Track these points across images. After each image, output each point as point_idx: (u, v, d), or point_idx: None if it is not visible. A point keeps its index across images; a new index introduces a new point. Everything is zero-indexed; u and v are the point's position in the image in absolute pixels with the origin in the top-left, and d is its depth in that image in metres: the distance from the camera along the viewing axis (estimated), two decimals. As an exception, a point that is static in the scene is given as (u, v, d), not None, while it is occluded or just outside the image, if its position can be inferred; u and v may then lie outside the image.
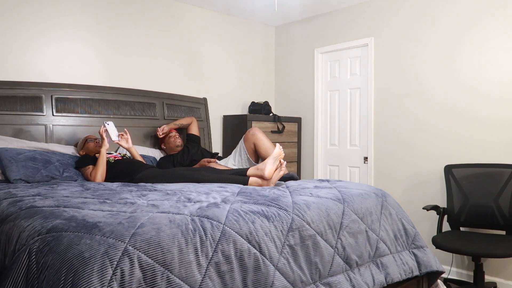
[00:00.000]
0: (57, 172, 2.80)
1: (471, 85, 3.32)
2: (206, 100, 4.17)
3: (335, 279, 1.88)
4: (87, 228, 1.43)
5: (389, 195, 2.44)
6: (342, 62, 4.25)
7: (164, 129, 3.53)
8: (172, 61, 4.01)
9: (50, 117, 3.14)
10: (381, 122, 3.90)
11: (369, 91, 3.97)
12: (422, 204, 3.57)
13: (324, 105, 4.42)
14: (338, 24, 4.24)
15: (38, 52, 3.21)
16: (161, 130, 3.51)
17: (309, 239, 1.83)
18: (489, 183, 3.10)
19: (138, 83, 3.76)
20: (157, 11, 3.89)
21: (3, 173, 2.71)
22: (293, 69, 4.70)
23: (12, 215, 1.71)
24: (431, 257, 2.37)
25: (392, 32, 3.80)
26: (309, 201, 1.99)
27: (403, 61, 3.73)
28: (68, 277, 1.23)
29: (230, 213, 1.69)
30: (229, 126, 4.31)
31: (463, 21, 3.35)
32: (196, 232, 1.52)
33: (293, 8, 4.23)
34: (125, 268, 1.29)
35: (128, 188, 2.37)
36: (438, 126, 3.50)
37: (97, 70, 3.52)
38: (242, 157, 3.33)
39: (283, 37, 4.81)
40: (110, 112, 3.44)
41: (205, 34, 4.26)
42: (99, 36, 3.53)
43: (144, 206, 1.79)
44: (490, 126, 3.22)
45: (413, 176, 3.67)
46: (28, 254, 1.38)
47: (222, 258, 1.52)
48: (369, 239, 2.12)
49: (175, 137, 3.50)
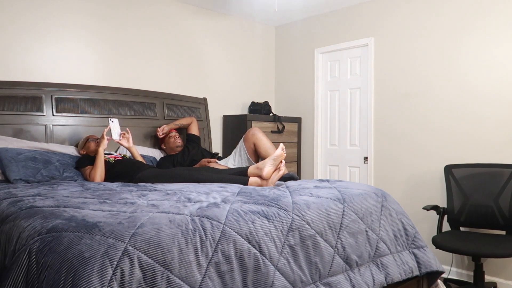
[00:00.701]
0: (57, 172, 2.80)
1: (471, 85, 3.32)
2: (206, 100, 4.17)
3: (335, 279, 1.89)
4: (87, 228, 1.43)
5: (389, 195, 2.44)
6: (342, 62, 4.25)
7: (164, 129, 3.52)
8: (172, 61, 4.01)
9: (50, 117, 3.14)
10: (381, 122, 3.90)
11: (369, 91, 3.97)
12: (422, 204, 3.57)
13: (324, 105, 4.42)
14: (338, 24, 4.24)
15: (38, 52, 3.21)
16: (161, 130, 3.50)
17: (309, 239, 1.83)
18: (489, 183, 3.10)
19: (138, 83, 3.76)
20: (156, 11, 3.89)
21: (3, 173, 2.71)
22: (293, 69, 4.70)
23: (12, 215, 1.71)
24: (431, 257, 2.37)
25: (392, 32, 3.80)
26: (309, 201, 1.99)
27: (403, 61, 3.73)
28: (68, 277, 1.23)
29: (230, 213, 1.69)
30: (229, 126, 4.31)
31: (463, 21, 3.35)
32: (196, 232, 1.52)
33: (293, 8, 4.23)
34: (125, 268, 1.29)
35: (128, 188, 2.37)
36: (438, 126, 3.50)
37: (97, 70, 3.52)
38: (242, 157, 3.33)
39: (283, 37, 4.81)
40: (110, 112, 3.44)
41: (205, 34, 4.26)
42: (99, 36, 3.53)
43: (144, 206, 1.79)
44: (490, 126, 3.22)
45: (413, 176, 3.68)
46: (28, 254, 1.38)
47: (222, 258, 1.52)
48: (369, 239, 2.12)
49: (175, 137, 3.50)
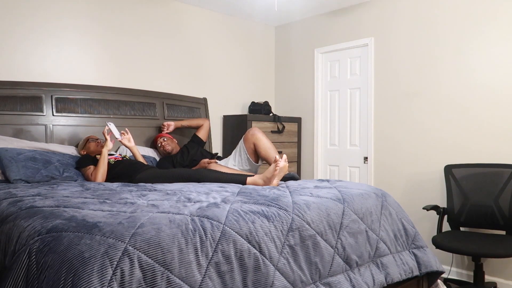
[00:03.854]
0: (57, 172, 2.80)
1: (472, 85, 3.32)
2: (206, 100, 4.17)
3: (335, 279, 1.89)
4: (87, 228, 1.43)
5: (389, 195, 2.44)
6: (342, 62, 4.25)
7: (170, 128, 3.59)
8: (172, 61, 4.01)
9: (50, 117, 3.14)
10: (381, 122, 3.90)
11: (369, 91, 3.97)
12: (422, 204, 3.57)
13: (324, 105, 4.42)
14: (338, 24, 4.24)
15: (38, 52, 3.21)
16: (167, 128, 3.57)
17: (309, 239, 1.83)
18: (489, 183, 3.10)
19: (138, 83, 3.76)
20: (156, 11, 3.89)
21: (3, 173, 2.71)
22: (293, 69, 4.70)
23: (12, 215, 1.71)
24: (431, 257, 2.37)
25: (392, 32, 3.80)
26: (309, 201, 1.98)
27: (403, 61, 3.73)
28: (68, 277, 1.23)
29: (230, 213, 1.69)
30: (229, 126, 4.31)
31: (463, 21, 3.35)
32: (196, 232, 1.52)
33: (293, 8, 4.23)
34: (125, 268, 1.29)
35: (128, 188, 2.37)
36: (438, 126, 3.50)
37: (97, 70, 3.52)
38: (242, 157, 3.32)
39: (283, 37, 4.80)
40: (110, 112, 3.44)
41: (205, 34, 4.26)
42: (99, 36, 3.53)
43: (144, 206, 1.79)
44: (490, 126, 3.22)
45: (413, 176, 3.67)
46: (28, 254, 1.38)
47: (222, 258, 1.52)
48: (369, 239, 2.12)
49: (164, 146, 3.47)
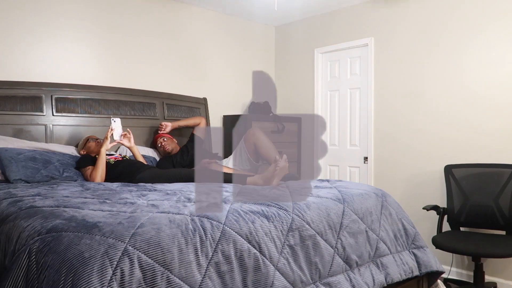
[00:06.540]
0: (57, 172, 2.80)
1: (472, 85, 3.31)
2: (206, 100, 4.17)
3: (335, 279, 1.89)
4: (87, 228, 1.43)
5: (389, 195, 2.44)
6: (342, 62, 4.25)
7: (167, 129, 3.56)
8: (172, 61, 4.00)
9: (50, 117, 3.14)
10: (381, 122, 3.89)
11: (369, 91, 3.97)
12: (422, 204, 3.57)
13: (324, 105, 4.42)
14: (338, 24, 4.24)
15: (38, 52, 3.21)
16: (164, 129, 3.55)
17: (309, 239, 1.83)
18: (489, 183, 3.10)
19: (138, 83, 3.76)
20: (156, 11, 3.89)
21: (3, 173, 2.71)
22: (293, 69, 4.70)
23: (12, 215, 1.71)
24: (431, 257, 2.37)
25: (392, 32, 3.80)
26: (309, 201, 1.99)
27: (403, 61, 3.73)
28: (68, 277, 1.23)
29: (230, 213, 1.69)
30: (229, 126, 4.31)
31: (464, 21, 3.35)
32: (196, 232, 1.52)
33: (293, 8, 4.23)
34: (125, 268, 1.29)
35: (128, 188, 2.37)
36: (438, 126, 3.50)
37: (97, 70, 3.52)
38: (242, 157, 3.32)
39: (283, 37, 4.80)
40: (110, 112, 3.44)
41: (205, 34, 4.26)
42: (99, 36, 3.53)
43: (144, 206, 1.79)
44: (490, 126, 3.22)
45: (413, 176, 3.67)
46: (28, 254, 1.38)
47: (222, 258, 1.52)
48: (369, 239, 2.12)
49: (164, 146, 3.47)
